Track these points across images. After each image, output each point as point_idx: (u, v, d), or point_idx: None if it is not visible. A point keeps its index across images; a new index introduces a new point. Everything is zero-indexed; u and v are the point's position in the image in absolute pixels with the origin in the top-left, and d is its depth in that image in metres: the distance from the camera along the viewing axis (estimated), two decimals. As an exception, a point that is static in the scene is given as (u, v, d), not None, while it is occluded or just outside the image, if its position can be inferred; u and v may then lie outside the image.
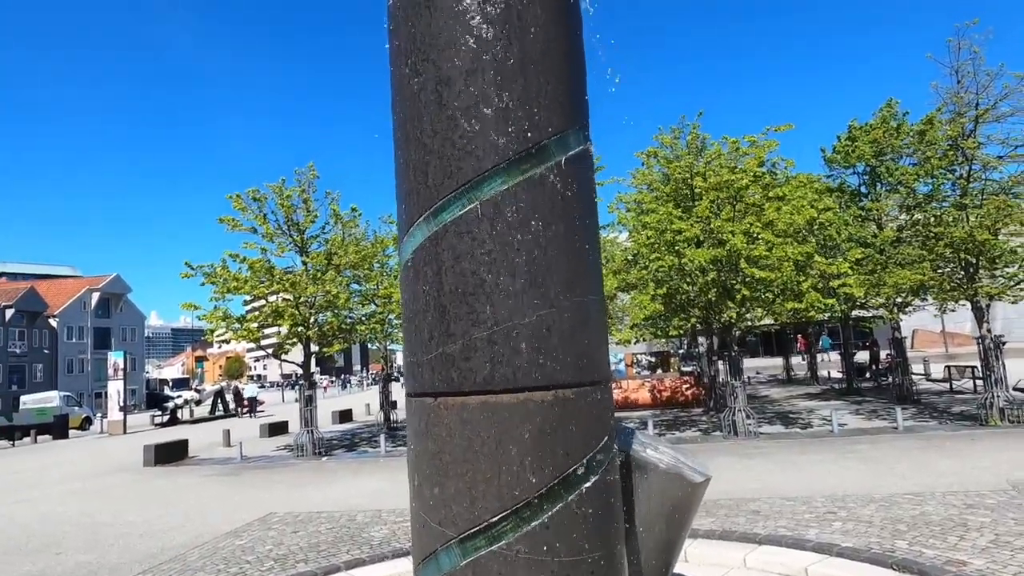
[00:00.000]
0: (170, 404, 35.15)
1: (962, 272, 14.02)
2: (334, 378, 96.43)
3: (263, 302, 16.35)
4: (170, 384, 73.12)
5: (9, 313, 58.12)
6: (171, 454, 17.31)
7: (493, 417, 2.94)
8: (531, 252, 3.02)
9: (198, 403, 36.79)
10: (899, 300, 17.86)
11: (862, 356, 27.97)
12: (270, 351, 18.07)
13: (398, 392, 18.44)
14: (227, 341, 19.14)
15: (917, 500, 7.81)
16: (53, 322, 62.91)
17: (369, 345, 37.21)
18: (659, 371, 23.13)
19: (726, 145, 15.04)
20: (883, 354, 25.15)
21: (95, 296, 67.18)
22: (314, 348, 17.24)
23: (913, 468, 9.92)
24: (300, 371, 17.12)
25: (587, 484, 3.01)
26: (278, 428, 23.05)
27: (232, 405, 37.44)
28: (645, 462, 4.56)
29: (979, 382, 18.14)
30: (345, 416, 27.67)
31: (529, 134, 3.10)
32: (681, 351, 24.27)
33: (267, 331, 17.15)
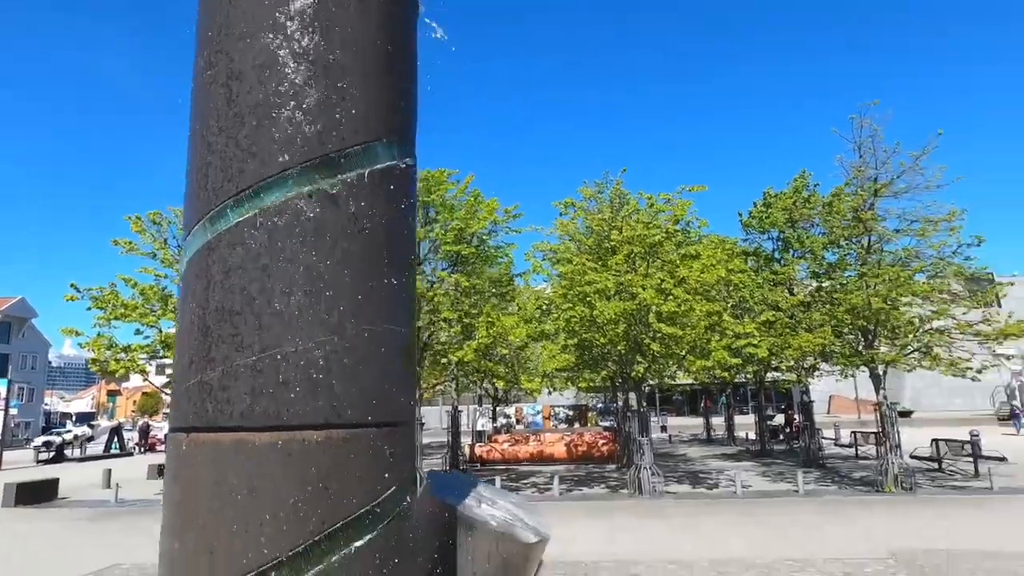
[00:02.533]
0: (57, 439, 32.27)
1: (861, 339, 14.43)
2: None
3: (155, 331, 15.32)
4: (73, 418, 68.09)
5: None
6: (37, 494, 15.71)
7: (248, 459, 2.50)
8: (314, 271, 2.64)
9: (90, 439, 34.05)
10: (807, 364, 18.28)
11: (780, 419, 28.57)
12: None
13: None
14: (113, 373, 17.85)
15: (798, 567, 7.62)
16: (-57, 344, 58.01)
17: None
18: (576, 425, 22.78)
19: (644, 201, 15.28)
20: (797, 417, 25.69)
21: (-6, 319, 62.51)
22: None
23: (804, 534, 9.81)
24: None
25: (360, 542, 2.58)
26: (170, 469, 21.43)
27: (134, 443, 34.87)
28: (473, 519, 4.19)
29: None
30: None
31: (326, 141, 2.77)
32: (600, 406, 24.09)
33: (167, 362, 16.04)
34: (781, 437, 25.54)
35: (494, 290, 15.68)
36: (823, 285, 16.84)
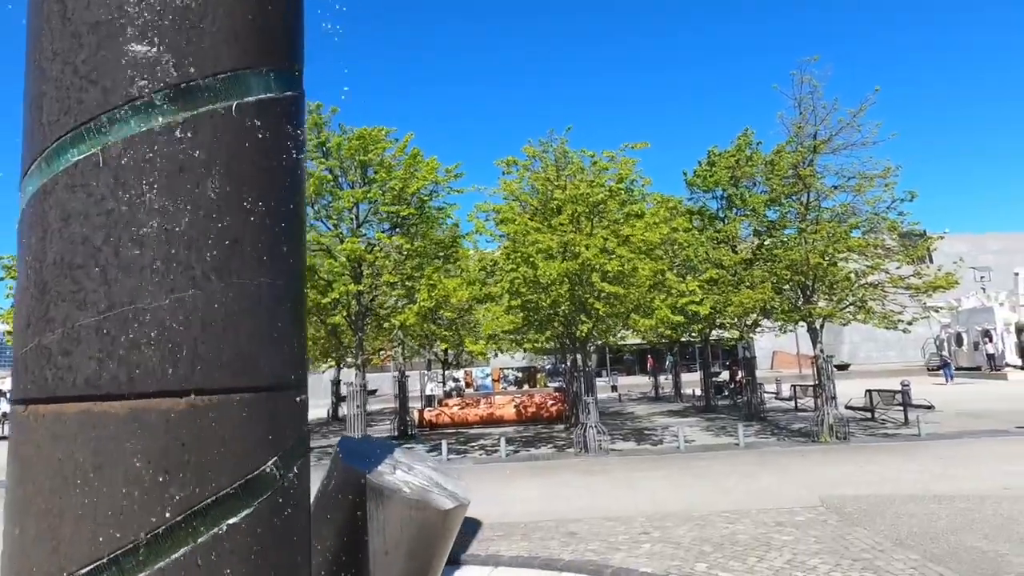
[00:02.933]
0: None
1: (800, 295, 14.70)
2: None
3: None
4: (7, 394, 65.25)
5: None
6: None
7: (95, 432, 2.19)
8: (172, 217, 2.30)
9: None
10: (749, 321, 18.63)
11: (726, 375, 29.28)
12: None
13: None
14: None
15: (733, 518, 7.73)
16: None
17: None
18: (526, 386, 22.84)
19: (588, 160, 15.07)
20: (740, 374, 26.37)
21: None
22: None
23: (740, 485, 10.00)
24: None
25: (234, 519, 2.32)
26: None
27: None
28: (383, 487, 3.95)
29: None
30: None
31: (183, 67, 2.39)
32: (549, 367, 24.20)
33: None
34: (725, 393, 26.21)
35: (440, 252, 15.32)
36: (765, 243, 17.07)
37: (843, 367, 42.77)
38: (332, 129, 14.19)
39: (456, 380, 27.73)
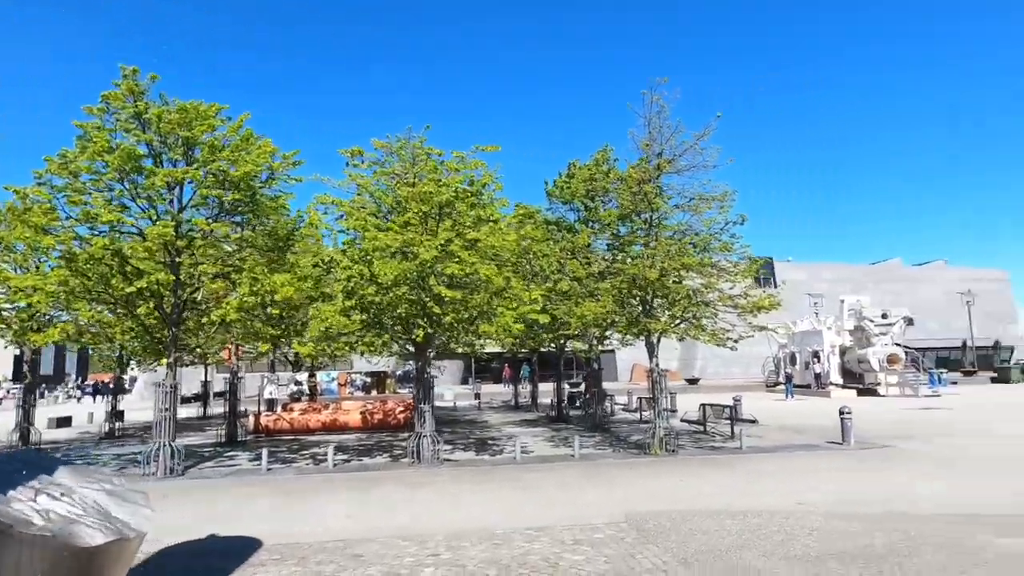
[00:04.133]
0: None
1: (641, 309, 14.96)
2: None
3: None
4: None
5: None
6: None
7: None
8: None
9: None
10: (597, 333, 18.86)
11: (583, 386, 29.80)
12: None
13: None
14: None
15: (534, 536, 7.40)
16: None
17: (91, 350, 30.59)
18: (375, 392, 21.86)
19: (440, 159, 14.52)
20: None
21: None
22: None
23: (561, 498, 9.79)
24: None
25: None
26: None
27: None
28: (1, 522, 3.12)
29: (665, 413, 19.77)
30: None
31: None
32: (400, 373, 23.38)
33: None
34: (578, 403, 26.59)
35: (275, 245, 14.11)
36: (617, 257, 17.34)
37: (694, 381, 45.18)
38: (153, 99, 12.67)
39: (299, 383, 26.15)
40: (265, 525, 8.17)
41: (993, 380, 45.19)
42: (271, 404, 24.43)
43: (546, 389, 31.63)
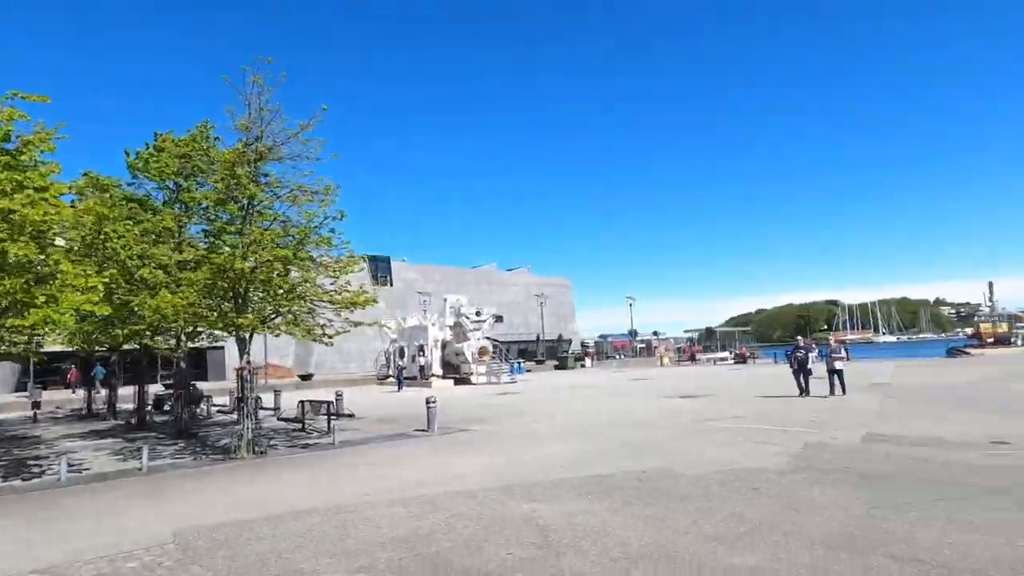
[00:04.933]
0: None
1: (232, 303, 13.82)
2: None
3: None
4: None
5: None
6: None
7: None
8: None
9: None
10: (186, 328, 16.90)
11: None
12: None
13: None
14: None
15: (37, 580, 5.97)
16: None
17: None
18: None
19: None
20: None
21: None
22: None
23: (94, 527, 8.21)
24: None
25: None
26: None
27: None
28: None
29: (263, 413, 18.66)
30: None
31: None
32: None
33: None
34: (166, 408, 23.61)
35: None
36: (214, 244, 15.74)
37: (307, 377, 44.59)
38: None
39: None
40: None
41: (556, 367, 55.55)
42: None
43: (127, 393, 27.38)
